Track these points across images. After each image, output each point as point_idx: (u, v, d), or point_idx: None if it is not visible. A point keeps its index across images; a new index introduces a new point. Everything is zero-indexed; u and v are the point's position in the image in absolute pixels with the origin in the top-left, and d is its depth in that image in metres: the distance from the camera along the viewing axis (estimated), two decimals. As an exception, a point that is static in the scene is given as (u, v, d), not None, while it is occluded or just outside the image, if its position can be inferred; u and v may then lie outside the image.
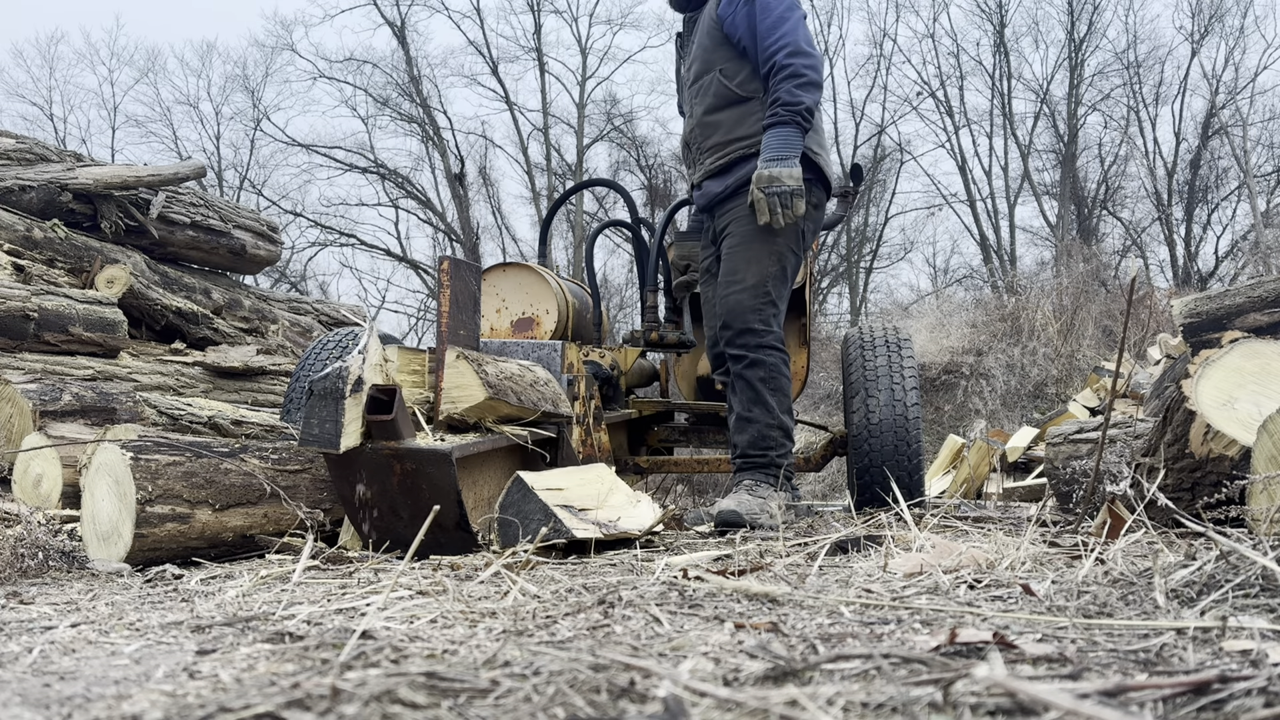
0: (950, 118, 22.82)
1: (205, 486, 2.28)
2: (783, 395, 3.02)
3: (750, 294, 3.02)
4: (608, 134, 23.65)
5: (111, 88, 28.53)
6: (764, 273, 3.02)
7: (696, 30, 3.25)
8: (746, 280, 3.03)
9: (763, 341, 3.01)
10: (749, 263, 3.03)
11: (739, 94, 3.10)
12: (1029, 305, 13.13)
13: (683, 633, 1.16)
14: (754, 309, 3.01)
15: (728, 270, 3.08)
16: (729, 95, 3.11)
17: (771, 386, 3.00)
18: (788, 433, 3.01)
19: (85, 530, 2.24)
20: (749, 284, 3.02)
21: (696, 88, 3.20)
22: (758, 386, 3.00)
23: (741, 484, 2.98)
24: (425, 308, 23.39)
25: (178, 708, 0.82)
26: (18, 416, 3.26)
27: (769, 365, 3.01)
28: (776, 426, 3.00)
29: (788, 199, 2.89)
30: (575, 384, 3.00)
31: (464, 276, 2.60)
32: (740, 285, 3.03)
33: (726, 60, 3.11)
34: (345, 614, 1.36)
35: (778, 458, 2.99)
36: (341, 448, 2.10)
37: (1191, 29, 21.15)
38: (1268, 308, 5.09)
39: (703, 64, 3.17)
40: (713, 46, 3.13)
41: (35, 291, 4.38)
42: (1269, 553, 1.29)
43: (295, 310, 6.72)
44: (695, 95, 3.21)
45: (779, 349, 3.04)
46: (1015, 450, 6.47)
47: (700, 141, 3.20)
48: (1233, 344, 2.30)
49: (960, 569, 1.55)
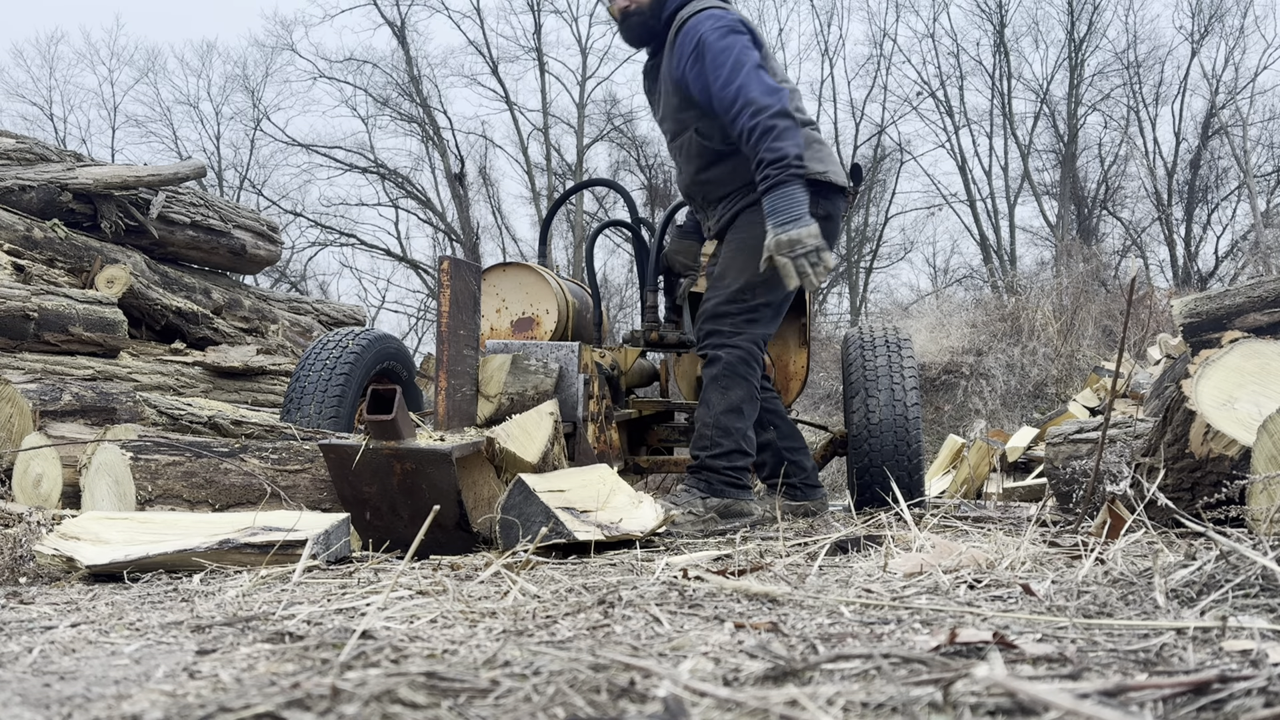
0: (950, 118, 22.83)
1: (205, 486, 2.28)
2: (730, 392, 2.91)
3: (727, 298, 2.98)
4: (608, 134, 23.67)
5: (111, 88, 28.56)
6: (749, 279, 2.96)
7: (660, 79, 3.12)
8: (729, 285, 3.00)
9: (725, 341, 2.95)
10: (738, 270, 3.00)
11: (722, 149, 3.03)
12: (1029, 305, 13.14)
13: (683, 633, 1.16)
14: (726, 313, 2.97)
15: (717, 275, 3.06)
16: (712, 153, 3.05)
17: (721, 385, 2.91)
18: (725, 431, 2.90)
19: (85, 530, 2.24)
20: (730, 289, 2.99)
21: (676, 146, 3.14)
22: (708, 385, 2.94)
23: (677, 488, 2.94)
24: (425, 308, 23.40)
25: (178, 708, 0.82)
26: (18, 416, 3.25)
27: (723, 362, 2.92)
28: (711, 425, 2.91)
29: (815, 257, 2.75)
30: (590, 383, 3.07)
31: (464, 276, 2.60)
32: (721, 289, 3.00)
33: (698, 120, 3.01)
34: (345, 614, 1.36)
35: (709, 459, 2.89)
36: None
37: (1191, 29, 21.17)
38: (1268, 308, 5.09)
39: (675, 124, 3.09)
40: (681, 106, 3.03)
41: (35, 291, 4.38)
42: (1269, 553, 1.30)
43: (295, 310, 6.72)
44: (678, 153, 3.15)
45: (740, 348, 2.94)
46: (1015, 450, 6.47)
47: (703, 196, 3.17)
48: (1233, 344, 2.30)
49: (960, 569, 1.56)
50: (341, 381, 3.12)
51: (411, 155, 29.06)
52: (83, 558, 1.86)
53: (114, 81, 29.38)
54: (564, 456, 2.71)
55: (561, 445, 2.69)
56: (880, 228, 23.31)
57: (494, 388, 2.71)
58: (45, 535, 2.04)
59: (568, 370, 3.02)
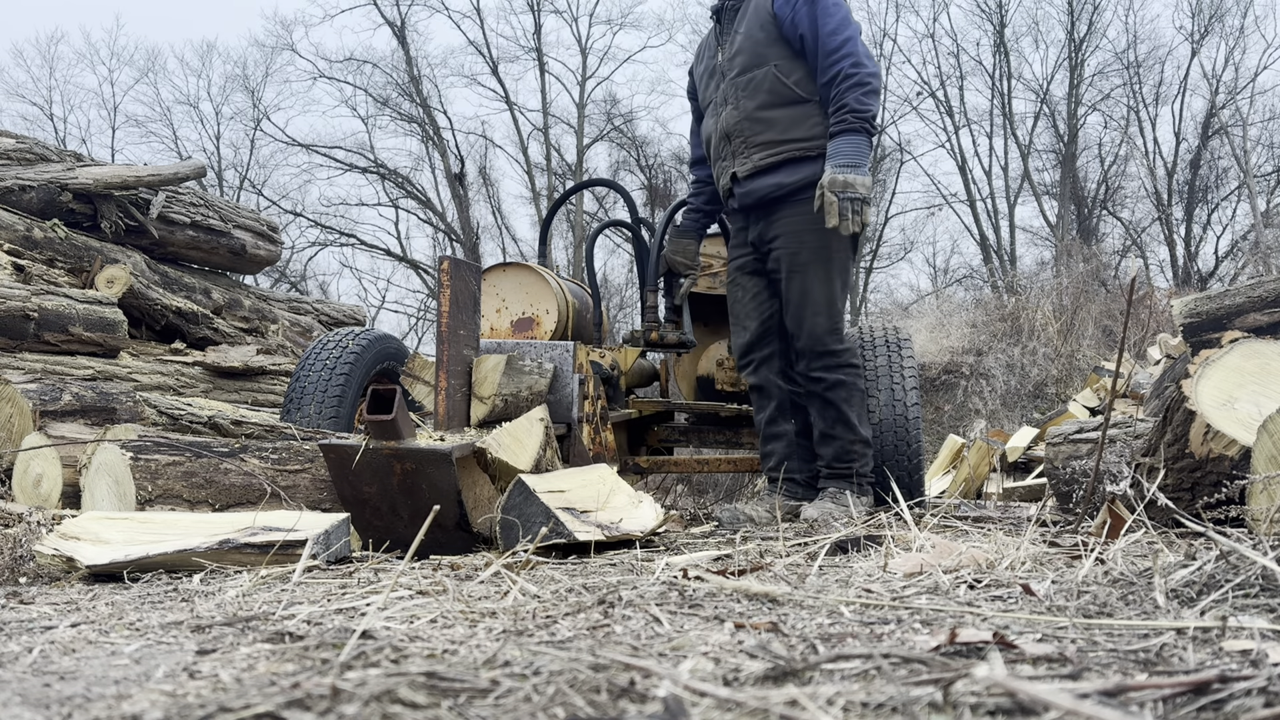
0: (950, 118, 22.83)
1: (205, 486, 2.28)
2: (862, 408, 3.22)
3: (825, 316, 3.14)
4: (608, 134, 23.66)
5: (111, 88, 28.56)
6: (832, 291, 3.14)
7: (740, 19, 3.21)
8: (819, 301, 3.13)
9: (841, 361, 3.16)
10: (820, 282, 3.13)
11: (798, 94, 3.10)
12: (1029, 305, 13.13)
13: (683, 633, 1.16)
14: (829, 330, 3.15)
15: (799, 290, 3.14)
16: (787, 94, 3.11)
17: (853, 405, 3.18)
18: (867, 443, 3.21)
19: (85, 530, 2.24)
20: (822, 305, 3.14)
21: (746, 79, 3.16)
22: (840, 406, 3.16)
23: (827, 491, 3.15)
24: (425, 308, 23.40)
25: (178, 708, 0.81)
26: (18, 416, 3.25)
27: (848, 385, 3.17)
28: (858, 441, 3.19)
29: (859, 205, 2.94)
30: (585, 384, 3.05)
31: (464, 276, 2.60)
32: (814, 308, 3.14)
33: (782, 57, 3.10)
34: (345, 614, 1.36)
35: (860, 468, 3.19)
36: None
37: (1191, 29, 21.16)
38: (1268, 308, 5.09)
39: (754, 57, 3.15)
40: (767, 41, 3.12)
41: (35, 291, 4.38)
42: (1269, 553, 1.30)
43: (295, 310, 6.72)
44: (744, 87, 3.17)
45: (855, 365, 3.22)
46: (1015, 450, 6.47)
47: (749, 135, 3.17)
48: (1233, 344, 2.30)
49: (960, 569, 1.55)
50: (341, 381, 3.12)
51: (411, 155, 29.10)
52: (83, 558, 1.86)
53: (114, 81, 29.41)
54: (558, 460, 2.69)
55: (554, 450, 2.67)
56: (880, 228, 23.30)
57: (488, 389, 2.68)
58: (45, 535, 2.04)
59: (562, 370, 2.99)
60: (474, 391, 2.67)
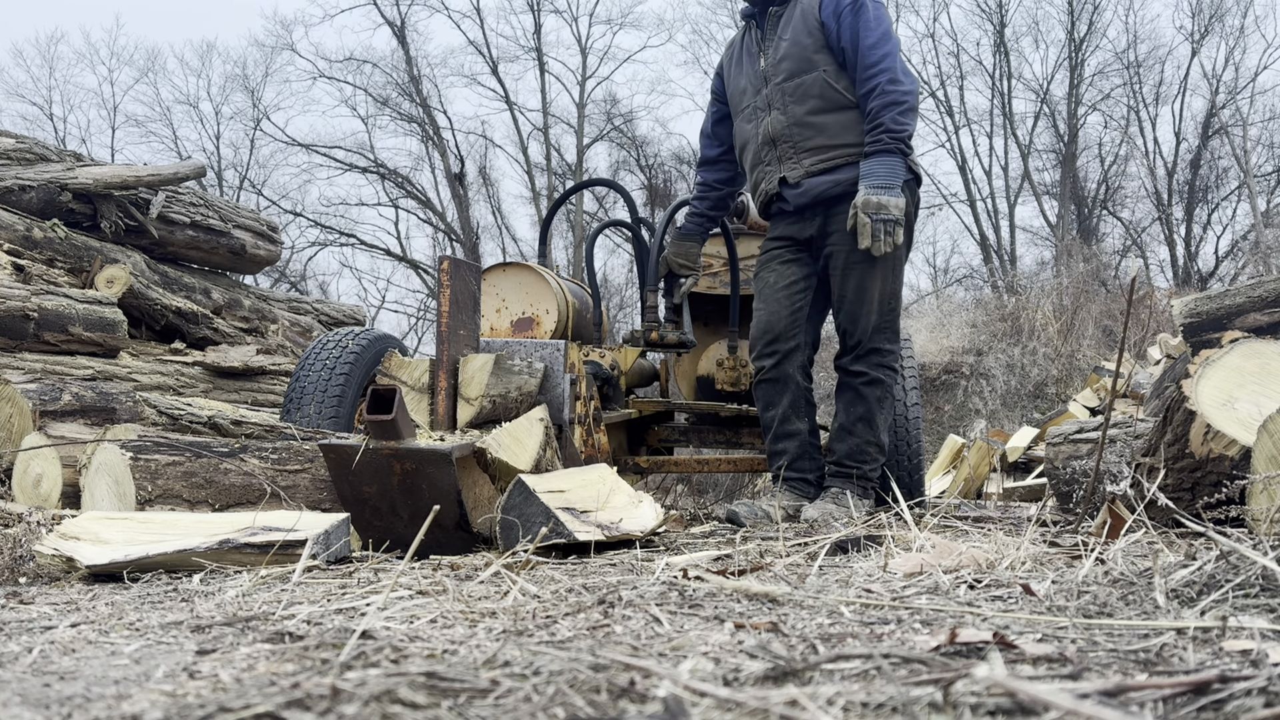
0: (950, 117, 22.82)
1: (205, 486, 2.28)
2: (889, 415, 3.23)
3: (878, 313, 3.17)
4: (608, 134, 23.66)
5: (111, 87, 28.46)
6: (887, 289, 3.17)
7: (784, 25, 3.22)
8: (874, 298, 3.15)
9: (884, 362, 3.19)
10: (876, 280, 3.14)
11: (847, 99, 3.12)
12: (1029, 305, 13.14)
13: (683, 633, 1.16)
14: (880, 328, 3.18)
15: (855, 286, 3.15)
16: (837, 99, 3.13)
17: (884, 406, 3.19)
18: (882, 449, 3.22)
19: (85, 530, 2.24)
20: (876, 302, 3.15)
21: (794, 85, 3.17)
22: (871, 404, 3.18)
23: (829, 491, 3.15)
24: (425, 308, 23.39)
25: (178, 708, 0.81)
26: (18, 416, 3.25)
27: (885, 385, 3.19)
28: (874, 444, 3.19)
29: (891, 228, 2.98)
30: (577, 384, 3.00)
31: (464, 276, 2.60)
32: (868, 304, 3.15)
33: (829, 64, 3.13)
34: (345, 614, 1.36)
35: (869, 471, 3.20)
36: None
37: (1191, 29, 21.15)
38: (1268, 308, 5.09)
39: (801, 62, 3.16)
40: (815, 47, 3.14)
41: (35, 291, 4.38)
42: (1269, 553, 1.30)
43: (295, 310, 6.72)
44: (791, 93, 3.18)
45: (896, 369, 3.24)
46: (1015, 450, 6.47)
47: (799, 140, 3.18)
48: (1233, 344, 2.30)
49: (960, 569, 1.55)
50: (341, 381, 3.11)
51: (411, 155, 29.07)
52: (83, 558, 1.86)
53: (114, 81, 29.35)
54: (558, 460, 2.67)
55: (555, 450, 2.65)
56: (880, 228, 23.25)
57: (475, 389, 2.59)
58: (45, 535, 2.04)
59: (553, 370, 2.90)
60: (460, 393, 2.59)
